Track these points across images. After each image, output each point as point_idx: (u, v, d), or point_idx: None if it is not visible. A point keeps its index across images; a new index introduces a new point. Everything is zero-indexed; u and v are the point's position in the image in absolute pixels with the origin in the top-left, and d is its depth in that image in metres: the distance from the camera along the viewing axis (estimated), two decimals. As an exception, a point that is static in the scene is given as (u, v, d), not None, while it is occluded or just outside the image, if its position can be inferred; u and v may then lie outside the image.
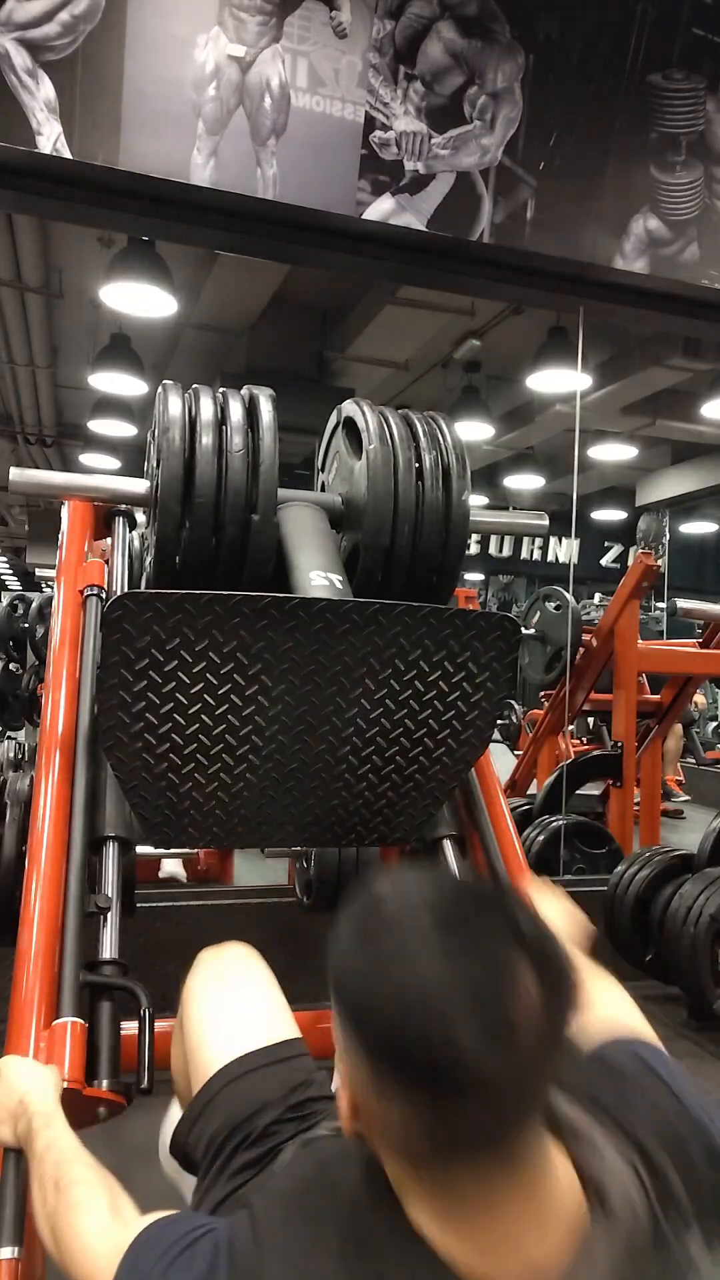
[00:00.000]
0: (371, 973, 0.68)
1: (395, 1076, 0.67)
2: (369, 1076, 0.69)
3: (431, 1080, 0.65)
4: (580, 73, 3.24)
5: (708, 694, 10.01)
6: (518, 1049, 0.64)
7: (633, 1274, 0.69)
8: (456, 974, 0.65)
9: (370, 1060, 0.68)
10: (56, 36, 2.71)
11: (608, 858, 3.96)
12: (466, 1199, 0.69)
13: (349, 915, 0.74)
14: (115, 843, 1.62)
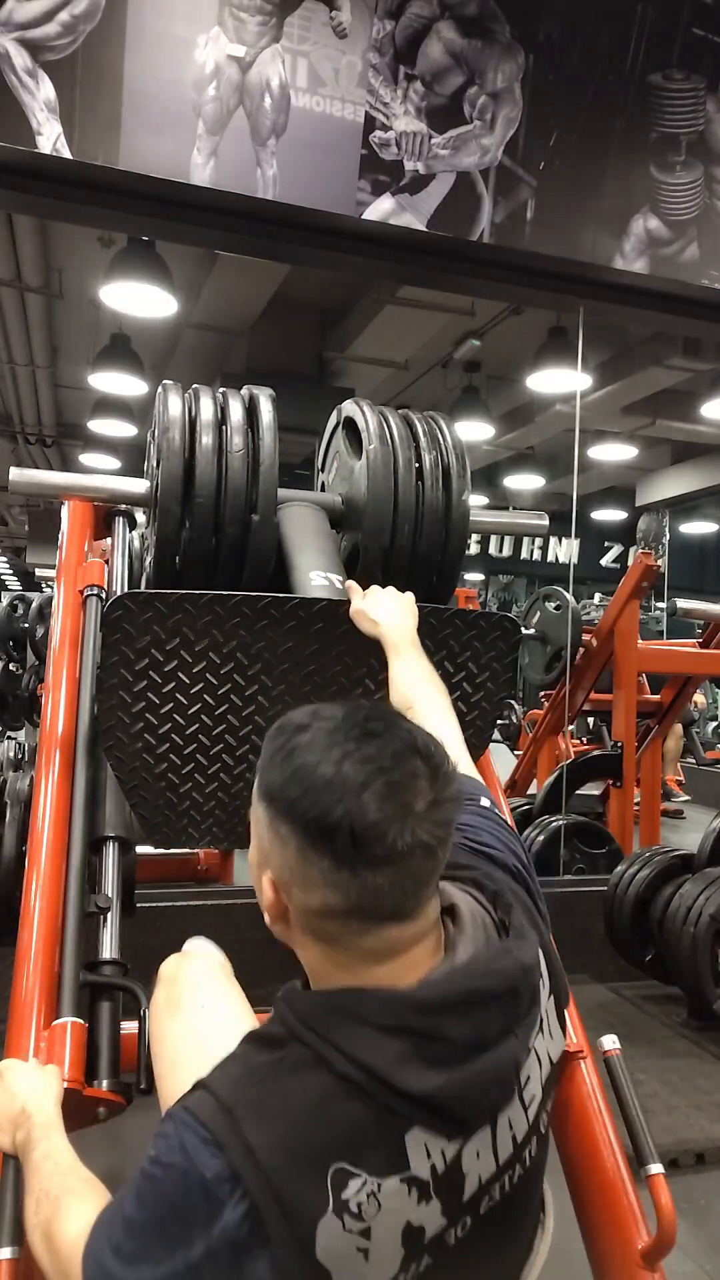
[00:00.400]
0: (305, 772, 0.83)
1: (326, 859, 0.81)
2: (301, 866, 0.83)
3: (356, 857, 0.80)
4: (580, 73, 3.24)
5: (708, 694, 10.01)
6: (421, 829, 0.82)
7: (483, 960, 0.89)
8: (373, 770, 0.82)
9: (303, 849, 0.83)
10: (56, 36, 2.71)
11: (608, 858, 3.96)
12: (381, 961, 0.85)
13: (279, 735, 0.90)
14: (115, 843, 1.62)
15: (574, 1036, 1.51)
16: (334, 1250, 0.79)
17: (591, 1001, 3.10)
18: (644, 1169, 1.29)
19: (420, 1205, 0.83)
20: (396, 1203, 0.81)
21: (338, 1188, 0.79)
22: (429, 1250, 0.85)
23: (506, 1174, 0.91)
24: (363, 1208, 0.79)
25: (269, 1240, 0.77)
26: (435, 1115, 0.83)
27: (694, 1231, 1.96)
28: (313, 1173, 0.79)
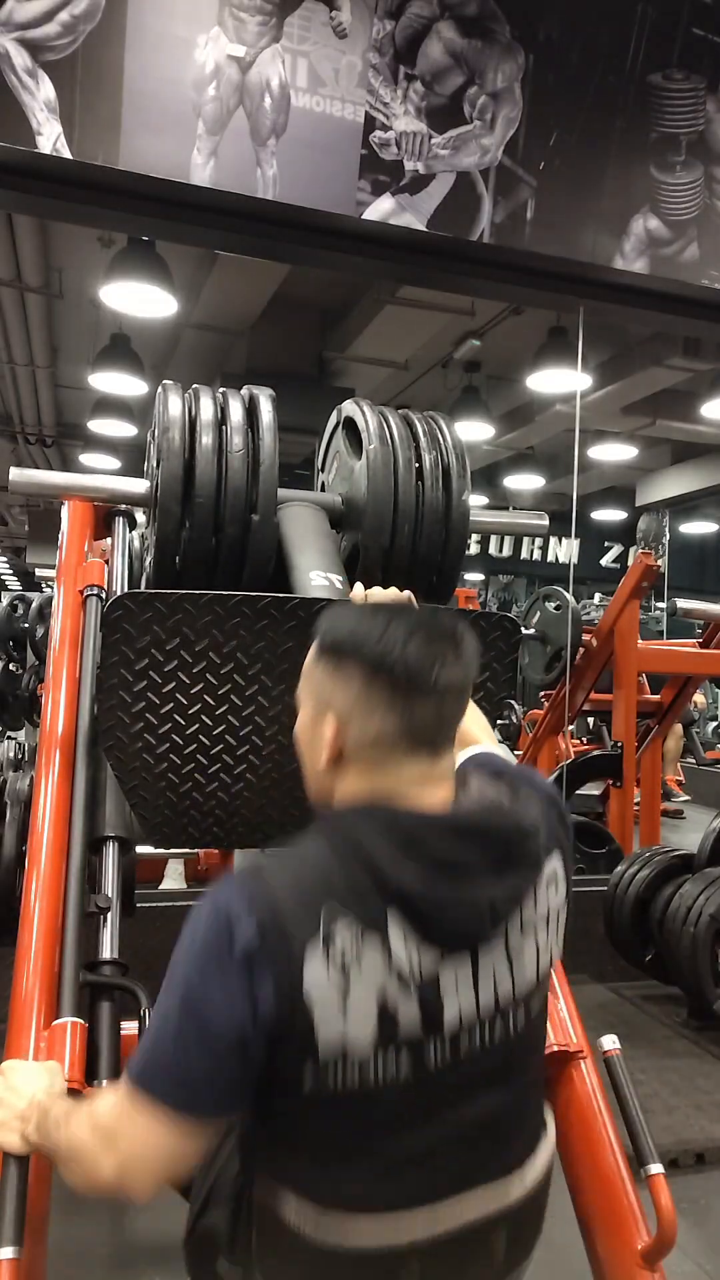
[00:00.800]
0: (364, 628, 1.07)
1: (386, 690, 1.04)
2: (365, 698, 1.05)
3: (409, 688, 1.04)
4: (580, 73, 3.24)
5: (708, 694, 10.01)
6: (452, 673, 1.06)
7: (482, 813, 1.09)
8: (413, 629, 1.06)
9: (367, 684, 1.05)
10: (56, 36, 2.71)
11: (608, 858, 3.96)
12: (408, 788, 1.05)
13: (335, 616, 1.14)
14: (115, 843, 1.62)
15: (574, 1036, 1.51)
16: (318, 988, 0.94)
17: (591, 1001, 3.10)
18: (644, 1169, 1.29)
19: (399, 990, 0.98)
20: (375, 965, 0.97)
21: (327, 921, 0.96)
22: (406, 1050, 0.98)
23: (489, 1025, 1.04)
24: (345, 952, 0.96)
25: (274, 959, 0.94)
26: (413, 913, 0.98)
27: (694, 1231, 1.97)
28: (310, 902, 0.97)
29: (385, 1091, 0.98)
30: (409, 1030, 0.98)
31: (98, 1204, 1.98)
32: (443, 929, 1.00)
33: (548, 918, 1.11)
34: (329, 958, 0.95)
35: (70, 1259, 1.79)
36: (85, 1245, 1.85)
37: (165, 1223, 1.89)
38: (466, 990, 1.02)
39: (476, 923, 1.03)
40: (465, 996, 1.02)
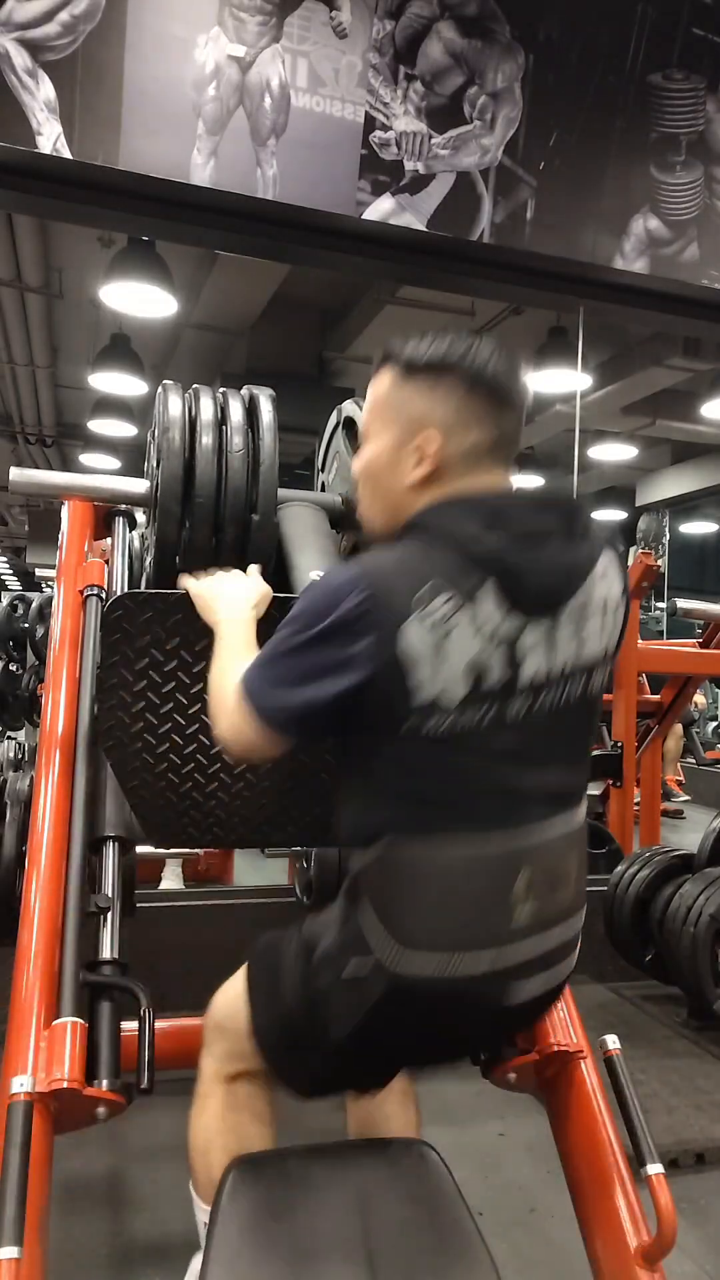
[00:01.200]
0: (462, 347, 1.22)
1: (483, 401, 1.19)
2: (464, 410, 1.19)
3: (500, 401, 1.20)
4: (580, 73, 3.24)
5: (708, 694, 10.01)
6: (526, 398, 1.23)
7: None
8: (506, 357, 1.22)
9: (465, 397, 1.19)
10: (56, 36, 2.71)
11: (608, 858, 3.96)
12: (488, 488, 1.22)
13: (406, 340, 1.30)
14: (115, 843, 1.62)
15: (574, 1036, 1.51)
16: (413, 648, 1.10)
17: (591, 1001, 3.10)
18: (644, 1169, 1.29)
19: (486, 646, 1.12)
20: (466, 630, 1.11)
21: (427, 594, 1.10)
22: (491, 703, 1.13)
23: (559, 688, 1.18)
24: (441, 619, 1.10)
25: (377, 623, 1.10)
26: (503, 578, 1.13)
27: (694, 1231, 1.96)
28: (410, 579, 1.11)
29: (469, 737, 1.13)
30: (493, 686, 1.13)
31: (98, 1204, 1.99)
32: (528, 593, 1.15)
33: (605, 605, 1.24)
34: (426, 623, 1.10)
35: (70, 1259, 1.79)
36: (85, 1245, 1.85)
37: (165, 1223, 1.89)
38: (545, 651, 1.17)
39: (557, 586, 1.18)
40: (543, 657, 1.17)
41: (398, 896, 1.17)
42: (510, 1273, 1.62)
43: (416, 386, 1.22)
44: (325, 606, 1.12)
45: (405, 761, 1.15)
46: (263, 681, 1.17)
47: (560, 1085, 1.49)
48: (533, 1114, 1.80)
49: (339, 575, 1.15)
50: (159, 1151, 2.08)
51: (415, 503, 1.21)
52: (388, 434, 1.24)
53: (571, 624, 1.19)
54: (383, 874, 1.17)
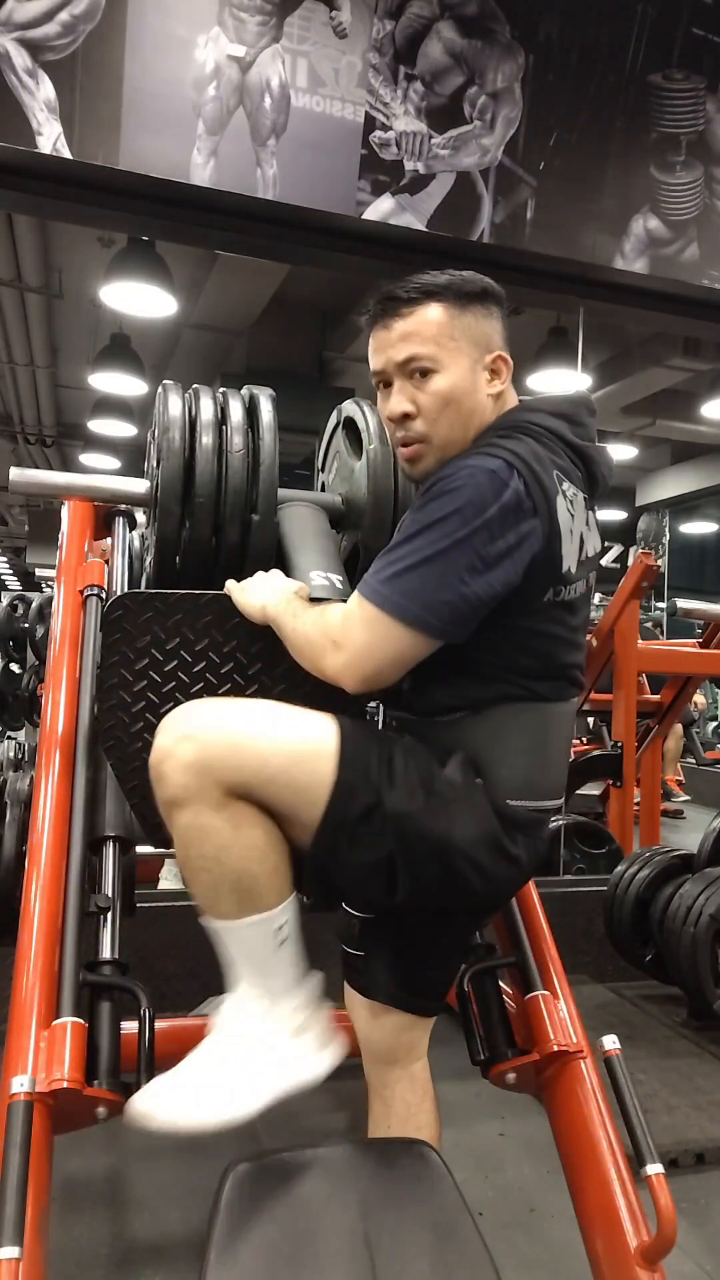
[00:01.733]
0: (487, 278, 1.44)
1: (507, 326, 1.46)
2: (505, 333, 1.44)
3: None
4: (580, 73, 3.24)
5: (708, 694, 10.00)
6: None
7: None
8: None
9: (505, 321, 1.46)
10: (56, 36, 2.71)
11: (608, 858, 3.96)
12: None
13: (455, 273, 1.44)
14: (115, 843, 1.62)
15: (574, 1036, 1.51)
16: (563, 524, 1.30)
17: (591, 1001, 3.10)
18: (644, 1169, 1.29)
19: (579, 525, 1.35)
20: (578, 509, 1.35)
21: (559, 479, 1.31)
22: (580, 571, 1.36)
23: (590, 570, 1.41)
24: (570, 498, 1.32)
25: (537, 504, 1.26)
26: (588, 465, 1.39)
27: (694, 1231, 1.96)
28: (546, 467, 1.29)
29: (577, 601, 1.37)
30: (586, 555, 1.37)
31: (98, 1204, 1.99)
32: (595, 481, 1.41)
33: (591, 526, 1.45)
34: (565, 502, 1.30)
35: (70, 1259, 1.79)
36: (85, 1245, 1.85)
37: (165, 1223, 1.89)
38: (592, 534, 1.40)
39: (605, 477, 1.43)
40: (592, 539, 1.40)
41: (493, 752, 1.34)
42: (510, 1273, 1.62)
43: (476, 312, 1.39)
44: (488, 495, 1.22)
45: (534, 630, 1.31)
46: (413, 593, 1.22)
47: (560, 1085, 1.49)
48: (533, 1114, 1.80)
49: (483, 466, 1.25)
50: (159, 1151, 2.08)
51: (488, 416, 1.38)
52: (462, 358, 1.37)
53: (596, 514, 1.44)
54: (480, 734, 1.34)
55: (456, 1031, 1.60)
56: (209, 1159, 1.38)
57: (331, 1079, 1.37)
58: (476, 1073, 1.53)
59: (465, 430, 1.37)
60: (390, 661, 1.26)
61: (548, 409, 1.40)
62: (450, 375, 1.36)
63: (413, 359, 1.36)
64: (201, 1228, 1.31)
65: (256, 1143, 2.17)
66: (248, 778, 1.26)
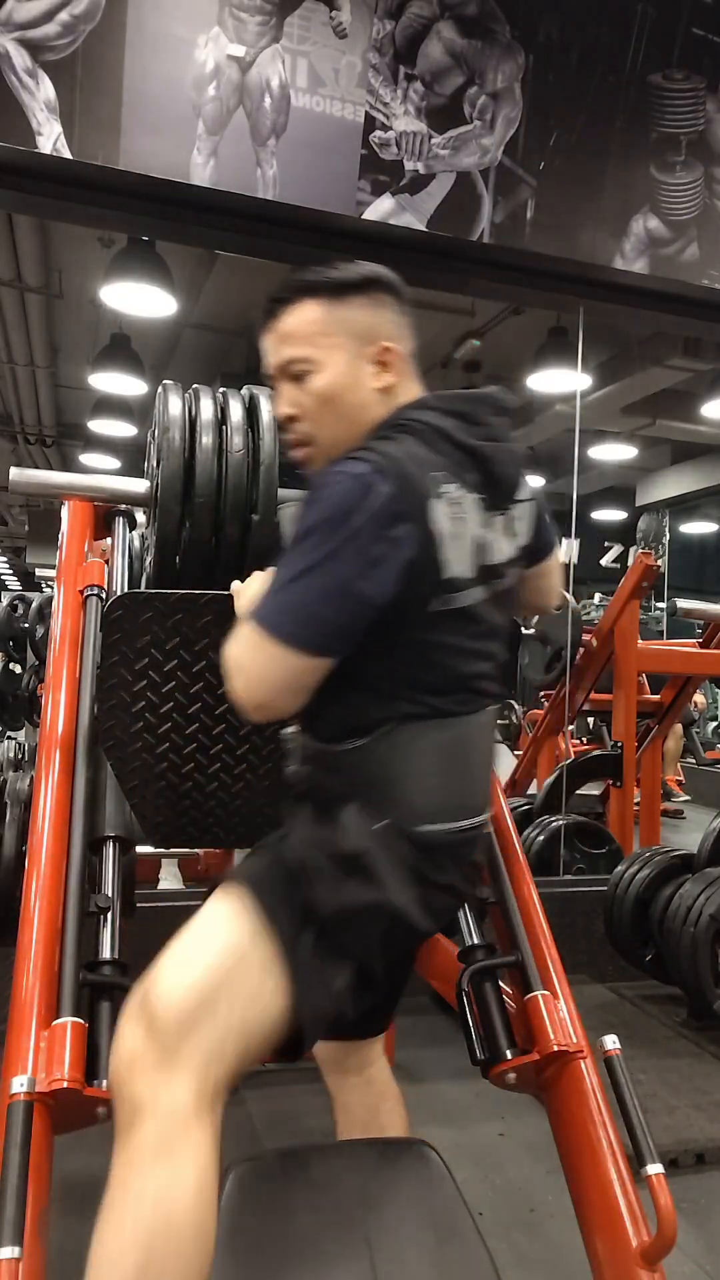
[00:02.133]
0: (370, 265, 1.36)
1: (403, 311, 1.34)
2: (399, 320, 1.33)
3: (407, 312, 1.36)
4: (580, 73, 3.24)
5: (708, 694, 10.01)
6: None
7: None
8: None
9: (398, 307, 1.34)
10: (56, 36, 2.71)
11: (608, 858, 3.96)
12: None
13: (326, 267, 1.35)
14: (115, 843, 1.62)
15: (574, 1036, 1.51)
16: (441, 526, 1.20)
17: (591, 1001, 3.10)
18: (644, 1169, 1.29)
19: (479, 529, 1.26)
20: (470, 512, 1.25)
21: (440, 481, 1.21)
22: (484, 577, 1.27)
23: (505, 576, 1.32)
24: (453, 500, 1.22)
25: (411, 510, 1.17)
26: (484, 470, 1.27)
27: (694, 1231, 1.96)
28: (422, 469, 1.20)
29: (478, 609, 1.26)
30: (487, 561, 1.27)
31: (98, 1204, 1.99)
32: (498, 483, 1.30)
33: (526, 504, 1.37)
34: (445, 505, 1.21)
35: (70, 1259, 1.79)
36: (85, 1245, 1.85)
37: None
38: (504, 538, 1.31)
39: (513, 478, 1.33)
40: (504, 543, 1.31)
41: (400, 776, 1.25)
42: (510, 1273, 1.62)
43: (355, 304, 1.30)
44: (352, 503, 1.15)
45: (424, 642, 1.23)
46: (287, 609, 1.16)
47: (560, 1085, 1.48)
48: (533, 1114, 1.80)
49: (349, 471, 1.17)
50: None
51: (379, 411, 1.29)
52: (339, 354, 1.29)
53: (515, 512, 1.34)
54: (384, 759, 1.25)
55: (456, 1031, 1.60)
56: (209, 1159, 1.38)
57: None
58: (476, 1073, 1.53)
59: (353, 427, 1.29)
60: (281, 686, 1.19)
61: (441, 406, 1.30)
62: (327, 374, 1.29)
63: (290, 362, 1.31)
64: (201, 1228, 1.31)
65: (256, 1143, 2.17)
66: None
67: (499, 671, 1.36)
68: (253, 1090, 2.40)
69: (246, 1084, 2.40)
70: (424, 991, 2.86)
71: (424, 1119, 2.37)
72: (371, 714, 1.25)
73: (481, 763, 1.36)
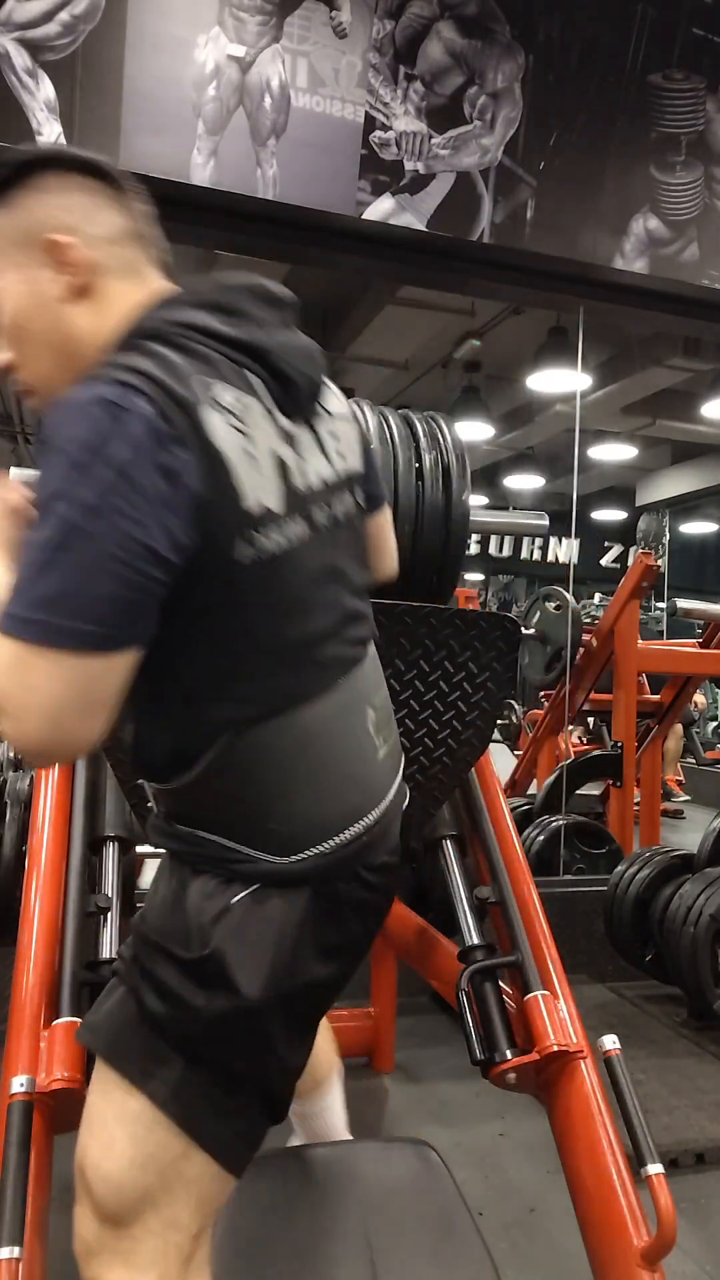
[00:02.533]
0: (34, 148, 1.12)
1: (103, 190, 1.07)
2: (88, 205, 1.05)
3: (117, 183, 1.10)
4: (580, 73, 3.24)
5: (708, 694, 10.01)
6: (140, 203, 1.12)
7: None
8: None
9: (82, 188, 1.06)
10: (56, 36, 2.71)
11: (608, 858, 3.96)
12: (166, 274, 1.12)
13: None
14: (115, 843, 1.62)
15: (574, 1036, 1.51)
16: (228, 445, 0.92)
17: (591, 1001, 3.10)
18: (644, 1169, 1.29)
19: (283, 445, 0.99)
20: (261, 423, 0.97)
21: (207, 387, 0.92)
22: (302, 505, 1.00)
23: (339, 498, 1.07)
24: (235, 411, 0.94)
25: (180, 428, 0.88)
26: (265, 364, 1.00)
27: (694, 1231, 1.96)
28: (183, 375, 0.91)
29: (299, 552, 0.98)
30: (298, 485, 1.00)
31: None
32: (292, 383, 1.02)
33: (345, 415, 1.14)
34: (225, 416, 0.92)
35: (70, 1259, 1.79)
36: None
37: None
38: (318, 452, 1.05)
39: (311, 378, 1.06)
40: (319, 458, 1.05)
41: (255, 802, 1.00)
42: (510, 1273, 1.62)
43: (15, 203, 1.01)
44: (102, 434, 0.85)
45: (241, 607, 0.94)
46: (47, 600, 0.84)
47: (560, 1085, 1.49)
48: (533, 1114, 1.80)
49: (85, 398, 0.88)
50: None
51: (90, 325, 1.01)
52: (9, 273, 1.01)
53: (328, 425, 1.09)
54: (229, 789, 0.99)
55: (456, 1031, 1.60)
56: (209, 1159, 1.38)
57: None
58: (476, 1073, 1.53)
59: (64, 358, 1.01)
60: (65, 707, 0.85)
61: (190, 300, 1.02)
62: (4, 301, 1.02)
63: None
64: (201, 1228, 1.32)
65: (256, 1143, 2.17)
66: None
67: (363, 620, 1.11)
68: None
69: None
70: (424, 991, 2.87)
71: (424, 1119, 2.37)
72: (198, 727, 0.98)
73: (354, 749, 1.07)
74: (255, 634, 0.96)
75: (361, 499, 1.15)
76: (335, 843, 1.04)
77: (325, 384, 1.11)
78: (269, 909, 0.99)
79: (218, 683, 0.97)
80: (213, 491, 0.90)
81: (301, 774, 1.02)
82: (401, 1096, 2.46)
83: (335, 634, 1.04)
